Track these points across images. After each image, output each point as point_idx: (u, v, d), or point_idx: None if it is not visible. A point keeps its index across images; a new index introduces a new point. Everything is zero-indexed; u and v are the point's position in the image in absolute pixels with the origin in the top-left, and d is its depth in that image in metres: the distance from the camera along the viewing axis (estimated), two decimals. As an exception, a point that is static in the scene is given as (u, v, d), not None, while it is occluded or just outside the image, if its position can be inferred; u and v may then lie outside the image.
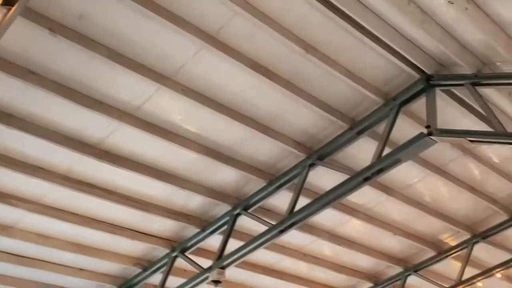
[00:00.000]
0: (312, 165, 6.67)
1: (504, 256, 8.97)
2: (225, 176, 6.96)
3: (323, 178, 6.96)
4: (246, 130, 6.21)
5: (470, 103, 5.96)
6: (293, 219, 6.66)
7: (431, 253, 9.22)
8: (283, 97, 5.92)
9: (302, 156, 6.69)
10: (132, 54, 5.32)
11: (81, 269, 8.17)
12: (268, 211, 7.60)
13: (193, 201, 7.32)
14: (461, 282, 9.09)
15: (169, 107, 5.99)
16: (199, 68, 5.55)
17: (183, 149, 6.37)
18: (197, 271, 7.60)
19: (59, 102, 5.56)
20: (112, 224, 7.44)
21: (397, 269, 9.56)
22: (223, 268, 7.15)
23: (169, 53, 5.38)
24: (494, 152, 7.19)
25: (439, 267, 9.59)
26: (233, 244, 7.33)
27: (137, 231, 7.66)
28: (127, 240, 7.66)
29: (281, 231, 6.84)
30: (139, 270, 8.29)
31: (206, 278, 7.35)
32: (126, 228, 7.58)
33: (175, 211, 7.42)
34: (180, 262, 7.99)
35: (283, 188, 7.04)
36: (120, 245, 7.85)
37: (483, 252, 9.18)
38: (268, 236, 6.89)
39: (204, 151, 6.47)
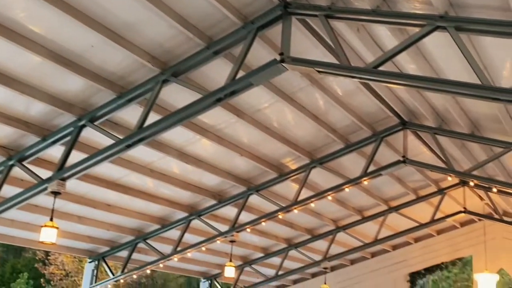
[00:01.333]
0: (165, 81, 6.52)
1: (336, 181, 9.83)
2: (71, 84, 6.54)
3: (176, 95, 6.90)
4: (97, 37, 5.81)
5: (322, 34, 6.21)
6: (141, 134, 6.57)
7: (272, 175, 9.79)
8: (139, 5, 5.57)
9: (155, 71, 6.50)
10: None
11: None
12: (116, 125, 7.39)
13: (34, 108, 6.83)
14: (296, 202, 9.87)
15: (10, 2, 5.36)
16: (47, -39, 5.01)
17: (25, 50, 5.80)
18: (35, 181, 7.26)
19: None
20: None
21: (240, 188, 10.04)
22: (63, 179, 6.92)
23: None
24: (339, 84, 7.64)
25: (278, 188, 10.27)
26: (77, 156, 7.08)
27: (-33, 136, 7.05)
28: (-45, 145, 7.02)
29: (128, 146, 6.75)
30: (-31, 178, 7.70)
31: (45, 189, 7.07)
32: (-46, 132, 6.92)
33: (13, 117, 6.87)
34: (17, 171, 7.58)
35: (133, 102, 6.84)
36: None
37: (319, 176, 9.96)
38: (114, 150, 6.76)
39: (48, 55, 5.96)
